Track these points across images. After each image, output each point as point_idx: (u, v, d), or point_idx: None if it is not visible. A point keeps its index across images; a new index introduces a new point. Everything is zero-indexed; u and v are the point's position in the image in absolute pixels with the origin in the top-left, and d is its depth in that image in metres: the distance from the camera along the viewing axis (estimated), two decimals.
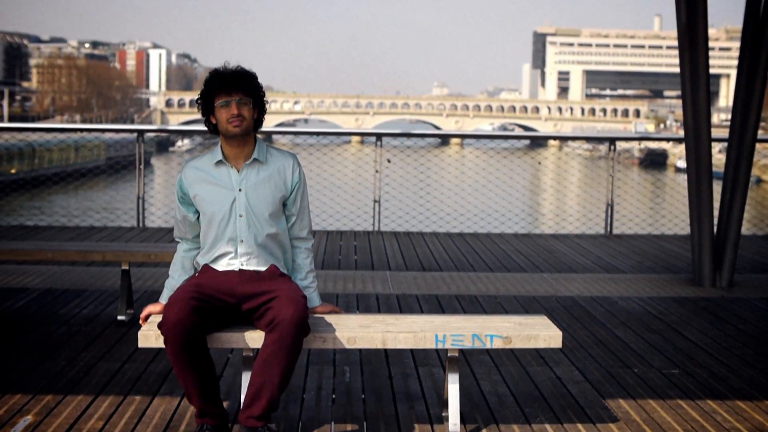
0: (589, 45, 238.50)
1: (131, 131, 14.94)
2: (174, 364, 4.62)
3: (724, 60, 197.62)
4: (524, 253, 10.98)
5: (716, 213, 9.41)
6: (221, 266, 4.89)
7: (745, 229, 15.30)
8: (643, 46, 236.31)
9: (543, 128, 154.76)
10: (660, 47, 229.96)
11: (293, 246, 5.10)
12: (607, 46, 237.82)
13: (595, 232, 13.34)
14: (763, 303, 8.50)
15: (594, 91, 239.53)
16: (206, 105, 4.91)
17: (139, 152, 12.68)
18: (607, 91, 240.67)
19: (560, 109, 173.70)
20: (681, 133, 9.39)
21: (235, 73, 4.89)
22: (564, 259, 10.65)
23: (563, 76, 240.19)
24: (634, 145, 75.86)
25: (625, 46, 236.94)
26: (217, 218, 4.86)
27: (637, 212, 16.51)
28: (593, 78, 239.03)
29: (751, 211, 30.91)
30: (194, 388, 4.67)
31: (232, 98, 4.83)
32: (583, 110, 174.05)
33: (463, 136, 15.72)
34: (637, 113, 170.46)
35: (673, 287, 9.15)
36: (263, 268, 4.90)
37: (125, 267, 7.35)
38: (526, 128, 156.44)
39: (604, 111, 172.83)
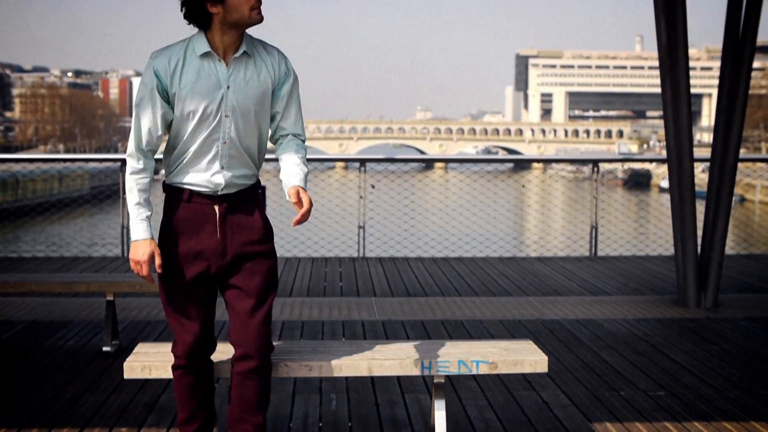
0: (572, 67, 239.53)
1: (114, 161, 14.93)
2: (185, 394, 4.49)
3: (705, 79, 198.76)
4: (509, 277, 10.99)
5: (700, 233, 9.43)
6: (198, 181, 4.29)
7: (729, 248, 15.36)
8: (625, 67, 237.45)
9: (527, 150, 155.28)
10: (642, 68, 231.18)
11: (283, 142, 4.49)
12: (590, 67, 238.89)
13: (580, 254, 13.37)
14: (748, 323, 8.52)
15: (577, 112, 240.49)
16: None
17: (123, 182, 12.64)
18: (590, 113, 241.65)
19: (544, 131, 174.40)
20: (664, 154, 9.45)
21: None
22: (549, 282, 10.66)
23: (546, 98, 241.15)
24: (618, 166, 76.02)
25: (607, 67, 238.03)
26: (199, 117, 4.23)
27: (621, 233, 16.56)
28: (576, 99, 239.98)
29: (735, 230, 31.01)
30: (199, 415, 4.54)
31: None
32: (566, 132, 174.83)
33: (446, 161, 15.76)
34: (621, 134, 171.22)
35: (658, 308, 9.17)
36: (243, 185, 4.37)
37: (110, 298, 7.33)
38: (510, 151, 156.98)
39: (588, 132, 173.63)
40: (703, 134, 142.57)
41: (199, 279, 4.33)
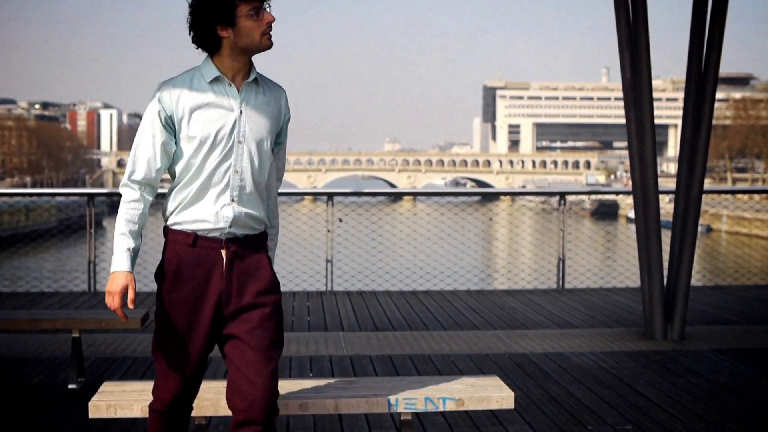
0: (539, 98, 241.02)
1: (81, 195, 14.85)
2: None
3: (671, 110, 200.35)
4: (477, 310, 11.00)
5: (666, 265, 9.49)
6: (205, 215, 4.06)
7: (696, 280, 15.45)
8: (591, 98, 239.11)
9: (495, 181, 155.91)
10: (608, 99, 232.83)
11: None
12: (557, 98, 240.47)
13: (548, 287, 13.41)
14: (714, 355, 8.56)
15: (544, 143, 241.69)
16: (217, 12, 3.99)
17: (90, 216, 12.56)
18: (558, 143, 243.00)
19: (511, 162, 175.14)
20: (631, 184, 9.52)
21: None
22: (517, 315, 10.68)
23: (514, 129, 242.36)
24: (586, 197, 76.45)
25: (574, 98, 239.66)
26: (210, 143, 4.02)
27: (588, 265, 16.60)
28: (543, 130, 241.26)
29: (702, 261, 31.17)
30: None
31: (262, 3, 4.05)
32: (534, 163, 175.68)
33: (414, 194, 15.81)
34: (588, 164, 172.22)
35: (625, 341, 9.20)
36: (253, 230, 4.18)
37: (76, 334, 7.28)
38: (478, 182, 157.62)
39: (555, 163, 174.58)
40: (670, 164, 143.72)
41: (199, 329, 4.09)
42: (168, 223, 4.14)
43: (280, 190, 4.57)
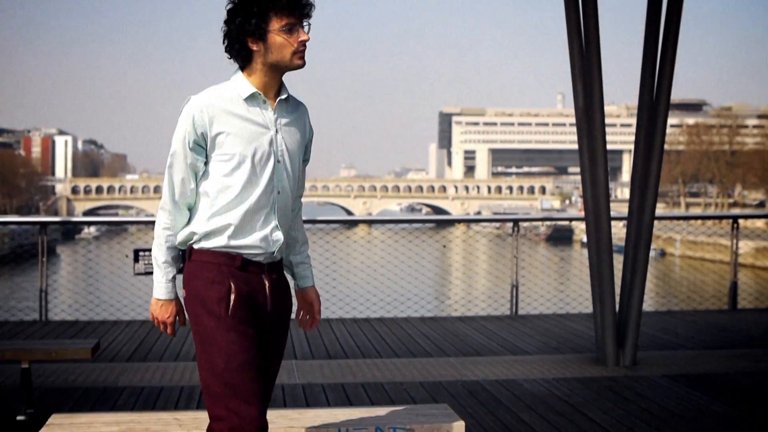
0: (494, 124, 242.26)
1: (33, 224, 14.73)
2: None
3: (625, 136, 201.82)
4: (430, 337, 11.00)
5: (619, 290, 9.54)
6: (254, 241, 3.96)
7: (649, 305, 15.55)
8: (547, 124, 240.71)
9: (450, 207, 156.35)
10: (563, 125, 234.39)
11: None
12: (512, 124, 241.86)
13: (501, 313, 13.43)
14: (665, 380, 8.61)
15: (500, 169, 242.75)
16: (249, 24, 3.86)
17: (42, 244, 12.44)
18: (513, 169, 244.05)
19: (467, 188, 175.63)
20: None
21: None
22: (470, 342, 10.69)
23: (469, 155, 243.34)
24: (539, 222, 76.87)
25: (529, 124, 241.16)
26: (251, 164, 3.89)
27: (542, 291, 16.67)
28: (499, 156, 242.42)
29: (655, 286, 31.35)
30: None
31: (299, 20, 3.92)
32: (489, 188, 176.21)
33: (369, 222, 15.80)
34: (543, 190, 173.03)
35: (578, 367, 9.24)
36: (285, 252, 4.19)
37: (25, 365, 7.21)
38: (433, 207, 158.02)
39: (510, 188, 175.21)
40: (624, 189, 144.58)
41: (259, 350, 3.98)
42: (204, 244, 3.99)
43: None
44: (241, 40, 3.88)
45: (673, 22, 9.21)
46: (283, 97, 4.01)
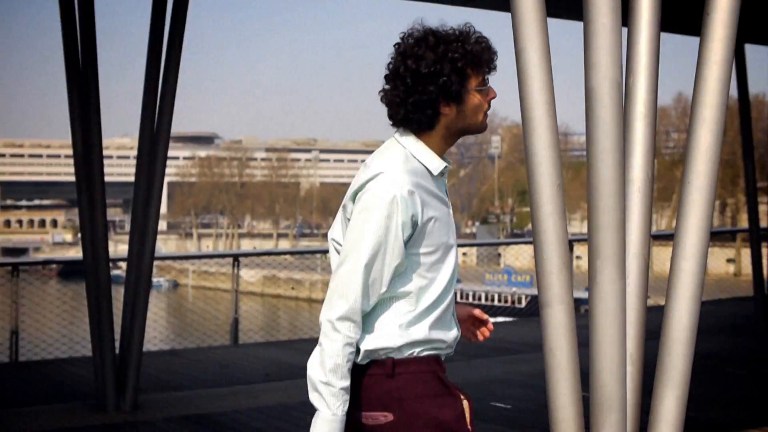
0: (3, 155, 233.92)
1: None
2: None
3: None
4: None
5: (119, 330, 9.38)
6: (448, 338, 3.23)
7: (153, 345, 15.56)
8: (59, 156, 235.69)
9: None
10: (71, 156, 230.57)
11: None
12: (23, 156, 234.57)
13: (0, 362, 12.81)
14: (166, 423, 8.61)
15: (9, 202, 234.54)
16: (447, 85, 3.11)
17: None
18: (24, 202, 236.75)
19: None
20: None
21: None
22: None
23: None
24: (46, 255, 75.35)
25: (40, 156, 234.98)
26: (445, 250, 3.16)
27: (49, 332, 16.15)
28: (9, 189, 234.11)
29: (164, 321, 31.48)
30: None
31: (488, 74, 3.22)
32: None
33: None
34: (54, 223, 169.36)
35: (80, 416, 8.94)
36: None
37: None
38: None
39: (21, 222, 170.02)
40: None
41: None
42: (414, 352, 3.16)
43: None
44: (434, 104, 3.14)
45: (173, 58, 9.25)
46: (451, 166, 3.31)
